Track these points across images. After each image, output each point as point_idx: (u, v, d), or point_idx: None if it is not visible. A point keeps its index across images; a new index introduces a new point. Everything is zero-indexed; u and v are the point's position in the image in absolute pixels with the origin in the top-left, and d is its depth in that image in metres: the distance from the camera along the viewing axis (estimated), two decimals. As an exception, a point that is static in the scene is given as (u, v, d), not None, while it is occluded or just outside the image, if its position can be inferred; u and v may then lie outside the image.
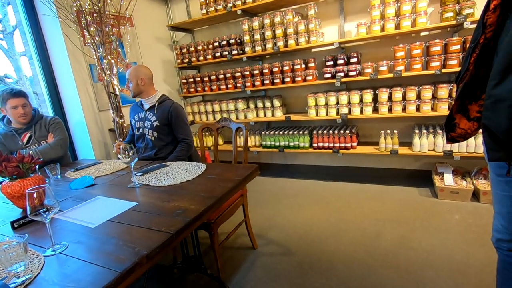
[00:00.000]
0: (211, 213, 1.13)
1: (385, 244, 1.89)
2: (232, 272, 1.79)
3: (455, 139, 0.99)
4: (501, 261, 1.03)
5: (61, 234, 1.01)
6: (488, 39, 0.81)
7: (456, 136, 0.98)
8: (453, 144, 1.06)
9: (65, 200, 1.34)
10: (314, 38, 2.74)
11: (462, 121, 0.95)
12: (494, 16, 0.78)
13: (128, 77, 2.00)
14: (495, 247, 1.02)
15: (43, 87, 2.72)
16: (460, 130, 0.96)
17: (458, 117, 0.94)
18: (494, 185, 0.96)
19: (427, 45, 2.38)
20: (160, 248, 0.86)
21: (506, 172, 0.87)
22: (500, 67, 0.74)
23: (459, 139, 0.98)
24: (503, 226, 0.96)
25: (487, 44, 0.81)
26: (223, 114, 3.40)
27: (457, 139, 0.98)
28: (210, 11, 3.13)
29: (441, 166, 2.58)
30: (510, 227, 0.94)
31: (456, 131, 0.96)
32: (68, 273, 0.79)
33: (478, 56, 0.84)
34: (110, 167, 1.83)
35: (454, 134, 0.97)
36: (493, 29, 0.80)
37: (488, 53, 0.81)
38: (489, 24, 0.80)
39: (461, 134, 0.97)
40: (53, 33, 2.61)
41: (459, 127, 0.95)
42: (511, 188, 0.89)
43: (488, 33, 0.81)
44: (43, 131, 2.10)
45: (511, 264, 0.99)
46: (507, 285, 1.01)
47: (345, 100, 2.71)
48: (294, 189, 2.97)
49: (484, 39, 0.82)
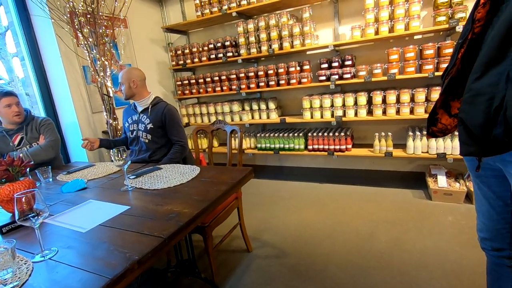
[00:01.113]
0: (205, 216, 1.12)
1: (379, 246, 1.90)
2: (227, 276, 1.77)
3: (435, 133, 0.99)
4: (489, 262, 1.05)
5: (51, 239, 0.99)
6: (476, 35, 0.80)
7: (436, 131, 0.98)
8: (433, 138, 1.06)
9: (56, 204, 1.31)
10: (309, 41, 2.75)
11: (444, 117, 0.94)
12: (483, 11, 0.77)
13: (120, 80, 1.99)
14: (482, 247, 1.04)
15: (35, 88, 2.69)
16: (441, 125, 0.96)
17: (441, 112, 0.94)
18: (474, 185, 0.98)
19: (420, 48, 2.40)
20: (152, 253, 0.85)
21: (476, 167, 0.87)
22: (482, 61, 0.74)
23: (439, 134, 0.98)
24: (484, 224, 0.98)
25: (475, 40, 0.80)
26: (218, 116, 3.39)
27: (437, 134, 0.98)
28: (205, 13, 3.13)
29: (434, 168, 2.60)
30: (490, 225, 0.96)
31: (437, 125, 0.96)
32: (57, 280, 0.77)
33: (465, 52, 0.83)
34: (103, 170, 1.80)
35: (435, 128, 0.97)
36: (481, 24, 0.78)
37: (476, 49, 0.80)
38: (478, 19, 0.78)
39: (441, 129, 0.97)
40: (46, 34, 2.58)
41: (440, 122, 0.95)
42: (486, 187, 0.92)
43: (477, 28, 0.79)
44: (35, 132, 2.07)
45: (498, 264, 1.00)
46: (496, 286, 1.02)
47: (339, 102, 2.72)
48: (289, 191, 2.97)
49: (472, 34, 0.80)
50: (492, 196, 0.91)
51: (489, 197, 0.92)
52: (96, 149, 2.00)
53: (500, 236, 0.94)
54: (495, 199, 0.91)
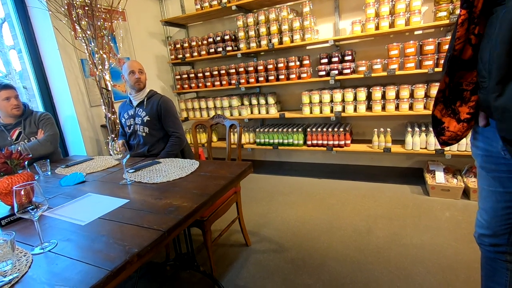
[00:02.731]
0: (204, 210, 1.12)
1: (376, 241, 1.91)
2: (225, 269, 1.79)
3: (447, 142, 1.00)
4: (483, 257, 1.06)
5: (50, 232, 0.99)
6: (457, 51, 0.86)
7: (446, 139, 0.99)
8: (447, 146, 1.08)
9: (55, 197, 1.31)
10: (309, 36, 2.74)
11: (451, 124, 0.96)
12: (462, 30, 0.83)
13: (141, 68, 2.01)
14: (478, 243, 1.05)
15: (33, 81, 2.67)
16: (449, 133, 0.97)
17: (447, 121, 0.96)
18: (481, 180, 0.98)
19: (421, 44, 2.39)
20: (152, 246, 0.85)
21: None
22: (495, 80, 0.76)
23: (452, 142, 0.99)
24: (485, 221, 0.99)
25: (457, 56, 0.86)
26: (217, 111, 3.38)
27: (449, 141, 0.99)
28: (204, 7, 3.10)
29: (432, 164, 2.61)
30: (492, 222, 0.96)
31: (445, 134, 0.98)
32: (57, 272, 0.77)
33: (450, 66, 0.89)
34: (101, 163, 1.80)
35: (444, 137, 0.98)
36: (461, 41, 0.85)
37: (458, 64, 0.86)
38: (458, 37, 0.84)
39: (451, 137, 0.98)
40: (43, 27, 2.55)
41: (448, 130, 0.97)
42: (497, 183, 0.92)
43: (457, 45, 0.85)
44: (33, 127, 2.06)
45: (493, 259, 1.01)
46: (491, 281, 1.04)
47: (339, 98, 2.72)
48: (288, 186, 2.98)
49: (453, 50, 0.86)
50: (502, 191, 0.91)
51: (498, 193, 0.93)
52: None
53: (500, 233, 0.95)
54: (504, 194, 0.91)
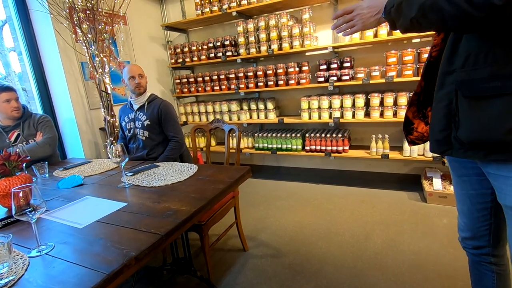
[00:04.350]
0: (202, 214, 1.12)
1: (374, 247, 1.91)
2: (223, 274, 1.78)
3: (414, 141, 1.07)
4: (470, 261, 1.08)
5: (48, 235, 0.98)
6: (434, 58, 0.94)
7: (414, 139, 1.06)
8: (414, 145, 1.21)
9: (53, 200, 1.31)
10: (308, 42, 2.76)
11: (420, 126, 1.04)
12: (438, 39, 0.92)
13: (141, 73, 2.02)
14: (463, 247, 1.07)
15: (32, 83, 2.67)
16: (416, 133, 1.05)
17: (417, 122, 1.04)
18: (455, 184, 1.02)
19: (418, 52, 2.42)
20: (149, 250, 0.85)
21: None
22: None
23: (418, 142, 1.07)
24: (465, 224, 1.01)
25: (434, 63, 0.94)
26: (216, 115, 3.39)
27: (416, 141, 1.07)
28: (205, 12, 3.12)
29: (430, 171, 2.62)
30: (471, 224, 0.99)
31: (413, 134, 1.05)
32: (54, 275, 0.77)
33: (426, 71, 0.98)
34: (100, 166, 1.80)
35: (412, 137, 1.06)
36: (437, 49, 0.93)
37: (434, 69, 0.93)
38: (435, 45, 0.93)
39: (418, 137, 1.05)
40: (44, 29, 2.56)
41: (416, 130, 1.04)
42: (468, 186, 0.96)
43: (434, 52, 0.94)
44: (32, 129, 2.06)
45: (478, 263, 1.03)
46: (479, 285, 1.05)
47: (337, 104, 2.74)
48: (286, 191, 2.97)
49: (430, 57, 0.95)
50: (474, 194, 0.95)
51: (470, 196, 0.96)
52: None
53: (480, 234, 0.98)
54: (476, 196, 0.95)
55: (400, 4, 0.77)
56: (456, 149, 0.83)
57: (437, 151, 0.91)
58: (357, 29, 0.91)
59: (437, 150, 0.91)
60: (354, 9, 0.90)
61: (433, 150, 0.92)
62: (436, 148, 0.90)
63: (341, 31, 0.95)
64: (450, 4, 0.67)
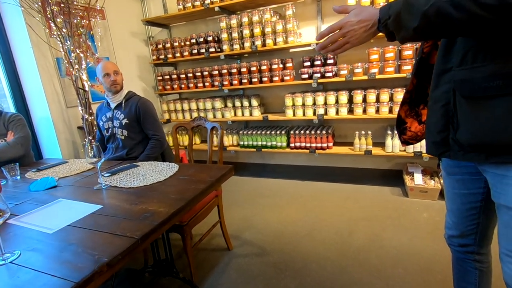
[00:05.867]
0: (182, 215, 1.09)
1: (357, 243, 1.93)
2: (206, 275, 1.75)
3: (407, 141, 1.05)
4: (454, 257, 1.09)
5: (14, 241, 0.92)
6: (426, 54, 0.92)
7: (408, 139, 1.05)
8: (408, 145, 1.18)
9: (23, 203, 1.24)
10: (292, 38, 2.75)
11: (413, 125, 1.02)
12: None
13: (116, 69, 1.93)
14: (448, 244, 1.08)
15: (3, 81, 2.53)
16: (410, 133, 1.03)
17: (410, 121, 1.02)
18: (446, 182, 1.01)
19: (399, 49, 2.45)
20: (123, 255, 0.81)
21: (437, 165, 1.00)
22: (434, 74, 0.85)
23: (412, 141, 1.05)
24: (453, 222, 1.01)
25: (425, 59, 0.92)
26: (200, 113, 3.34)
27: (410, 141, 1.05)
28: (187, 7, 3.05)
29: (411, 166, 2.68)
30: (459, 223, 0.99)
31: (407, 134, 1.03)
32: (18, 285, 0.72)
33: (418, 69, 0.95)
34: (76, 167, 1.72)
35: (406, 136, 1.04)
36: (429, 45, 0.90)
37: (426, 66, 0.91)
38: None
39: (411, 137, 1.03)
40: (15, 23, 2.43)
41: (410, 130, 1.02)
42: (460, 186, 0.95)
43: (426, 48, 0.91)
44: (2, 129, 1.94)
45: (462, 260, 1.04)
46: (462, 280, 1.07)
47: (321, 100, 2.74)
48: (271, 189, 2.97)
49: (422, 53, 0.92)
50: (466, 193, 0.94)
51: (462, 195, 0.95)
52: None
53: (467, 233, 0.98)
54: (468, 196, 0.94)
55: (398, 15, 0.71)
56: (455, 151, 0.80)
57: (435, 153, 0.87)
58: (352, 46, 0.83)
59: (434, 152, 0.86)
60: (343, 26, 0.82)
61: (430, 152, 0.88)
62: (434, 150, 0.86)
63: (329, 51, 0.86)
64: (456, 9, 0.61)
